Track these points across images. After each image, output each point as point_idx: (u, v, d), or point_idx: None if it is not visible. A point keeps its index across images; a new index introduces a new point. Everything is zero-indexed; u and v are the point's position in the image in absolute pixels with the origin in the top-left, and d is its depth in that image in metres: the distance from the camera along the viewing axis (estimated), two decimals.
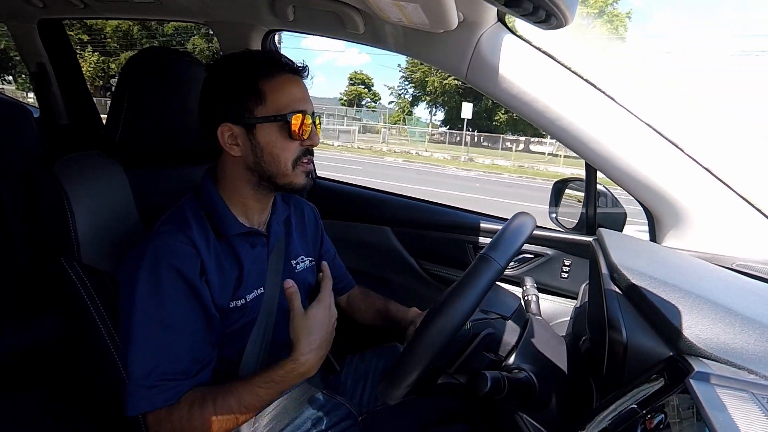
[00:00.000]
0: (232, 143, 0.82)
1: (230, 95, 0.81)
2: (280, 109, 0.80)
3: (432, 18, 0.89)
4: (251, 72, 0.80)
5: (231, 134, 0.81)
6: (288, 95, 0.81)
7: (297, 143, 0.83)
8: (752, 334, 0.54)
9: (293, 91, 0.82)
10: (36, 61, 2.00)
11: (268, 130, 0.81)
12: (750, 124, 17.71)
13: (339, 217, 1.64)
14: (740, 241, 0.93)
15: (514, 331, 0.84)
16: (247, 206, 0.88)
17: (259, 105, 0.80)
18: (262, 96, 0.79)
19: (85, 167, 0.91)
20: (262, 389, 0.77)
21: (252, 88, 0.79)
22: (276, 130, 0.81)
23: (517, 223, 0.76)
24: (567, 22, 0.74)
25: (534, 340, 0.82)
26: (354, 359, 1.15)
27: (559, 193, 1.40)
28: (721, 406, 0.43)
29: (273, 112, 0.80)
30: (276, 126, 0.80)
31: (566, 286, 1.33)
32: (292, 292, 0.81)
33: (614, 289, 0.65)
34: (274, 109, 0.80)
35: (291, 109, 0.80)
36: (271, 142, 0.81)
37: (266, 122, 0.80)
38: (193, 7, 1.46)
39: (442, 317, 0.61)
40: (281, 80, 0.81)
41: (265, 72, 0.80)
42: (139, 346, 0.72)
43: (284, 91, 0.81)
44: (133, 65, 0.95)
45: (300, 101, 0.82)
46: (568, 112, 1.00)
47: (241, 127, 0.80)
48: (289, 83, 0.82)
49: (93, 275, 0.86)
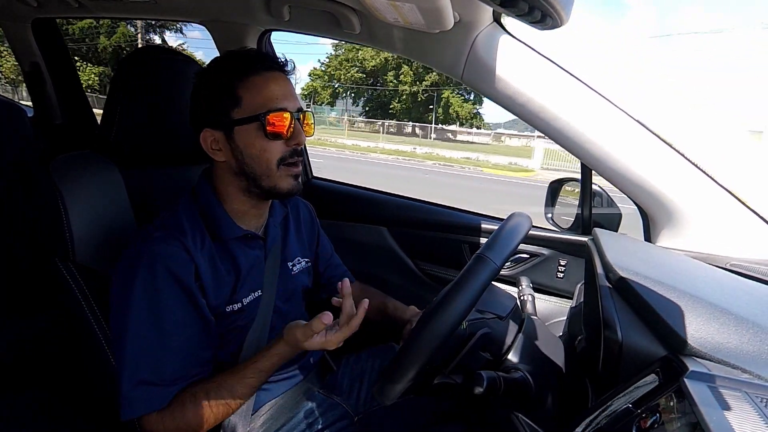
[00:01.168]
0: (215, 148, 0.81)
1: (208, 100, 0.80)
2: (256, 109, 0.78)
3: (428, 18, 0.89)
4: (227, 74, 0.79)
5: (213, 139, 0.80)
6: (264, 94, 0.78)
7: (279, 143, 0.80)
8: (746, 333, 0.54)
9: (271, 89, 0.79)
10: (30, 60, 1.99)
11: (246, 132, 0.79)
12: (741, 118, 17.73)
13: (335, 217, 1.64)
14: (735, 240, 0.94)
15: (511, 331, 0.84)
16: (243, 211, 0.87)
17: (236, 107, 0.78)
18: (237, 98, 0.78)
19: (80, 167, 0.90)
20: (252, 379, 0.78)
21: (228, 90, 0.78)
22: (253, 132, 0.78)
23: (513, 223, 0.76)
24: (563, 23, 0.74)
25: (530, 340, 0.82)
26: (350, 359, 1.15)
27: (554, 192, 1.40)
28: (715, 405, 0.43)
29: (249, 113, 0.78)
30: (253, 127, 0.78)
31: (562, 285, 1.33)
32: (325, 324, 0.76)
33: (609, 289, 0.65)
34: (250, 110, 0.78)
35: (267, 108, 0.78)
36: (249, 144, 0.79)
37: (242, 124, 0.78)
38: (189, 7, 1.45)
39: (438, 317, 0.61)
40: (257, 79, 0.79)
41: (241, 72, 0.78)
42: (134, 350, 0.72)
43: (260, 91, 0.78)
44: (128, 65, 0.95)
45: (278, 99, 0.79)
46: (564, 113, 1.00)
47: (220, 131, 0.79)
48: (266, 81, 0.79)
49: (87, 275, 0.86)
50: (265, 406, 0.92)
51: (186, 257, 0.77)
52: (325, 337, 0.77)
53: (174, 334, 0.75)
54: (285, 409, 0.94)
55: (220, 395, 0.75)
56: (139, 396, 0.71)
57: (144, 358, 0.72)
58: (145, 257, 0.74)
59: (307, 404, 0.97)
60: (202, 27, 1.52)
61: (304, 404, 0.97)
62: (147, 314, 0.73)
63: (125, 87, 0.94)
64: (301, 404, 0.96)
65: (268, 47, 1.60)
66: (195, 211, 0.83)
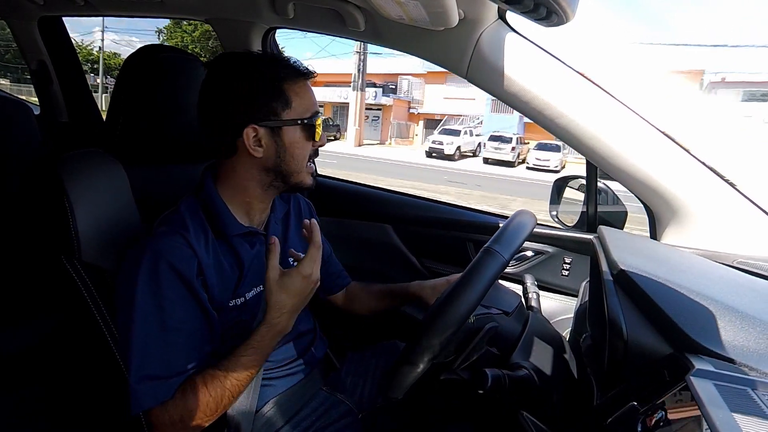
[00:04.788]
0: (256, 145, 0.82)
1: (254, 97, 0.81)
2: (303, 113, 0.84)
3: (433, 15, 0.89)
4: (276, 75, 0.82)
5: (255, 136, 0.82)
6: (308, 99, 0.85)
7: (310, 144, 0.87)
8: (752, 331, 0.54)
9: (311, 96, 0.87)
10: (36, 58, 2.00)
11: (293, 132, 0.84)
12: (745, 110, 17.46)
13: (339, 214, 1.64)
14: (741, 238, 0.93)
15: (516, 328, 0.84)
16: (250, 206, 0.88)
17: (286, 108, 0.83)
18: (288, 100, 0.83)
19: (86, 165, 0.91)
20: (244, 357, 0.78)
21: (277, 91, 0.82)
22: (300, 132, 0.84)
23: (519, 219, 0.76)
24: (568, 19, 0.74)
25: (535, 337, 0.82)
26: (354, 357, 1.15)
27: (559, 190, 1.40)
28: (721, 403, 0.43)
29: (298, 116, 0.84)
30: (299, 128, 0.84)
31: (567, 283, 1.33)
32: (273, 249, 0.79)
33: (615, 287, 0.65)
34: (298, 112, 0.84)
35: (311, 112, 0.85)
36: (294, 143, 0.84)
37: (293, 125, 0.83)
38: (194, 4, 1.46)
39: (447, 310, 0.62)
40: (303, 85, 0.85)
41: (288, 76, 0.83)
42: (139, 345, 0.73)
43: (305, 96, 0.85)
44: (132, 63, 0.95)
45: (315, 104, 0.87)
46: (569, 110, 0.99)
47: (266, 129, 0.82)
48: (308, 88, 0.86)
49: (94, 273, 0.86)
50: (269, 403, 0.93)
51: (189, 252, 0.77)
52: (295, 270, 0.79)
53: (178, 328, 0.75)
54: (289, 406, 0.94)
55: (216, 377, 0.76)
56: (146, 390, 0.72)
57: (150, 354, 0.73)
58: (148, 254, 0.75)
59: (310, 402, 0.97)
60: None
61: (308, 402, 0.97)
62: (151, 310, 0.74)
63: (130, 85, 0.95)
64: (304, 402, 0.97)
65: (273, 45, 1.60)
66: (198, 208, 0.84)
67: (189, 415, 0.74)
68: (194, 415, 0.74)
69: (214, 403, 0.75)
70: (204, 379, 0.76)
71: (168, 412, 0.73)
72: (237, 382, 0.77)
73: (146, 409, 0.73)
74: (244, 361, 0.78)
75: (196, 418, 0.74)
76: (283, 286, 0.78)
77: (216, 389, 0.75)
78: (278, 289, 0.78)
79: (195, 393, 0.74)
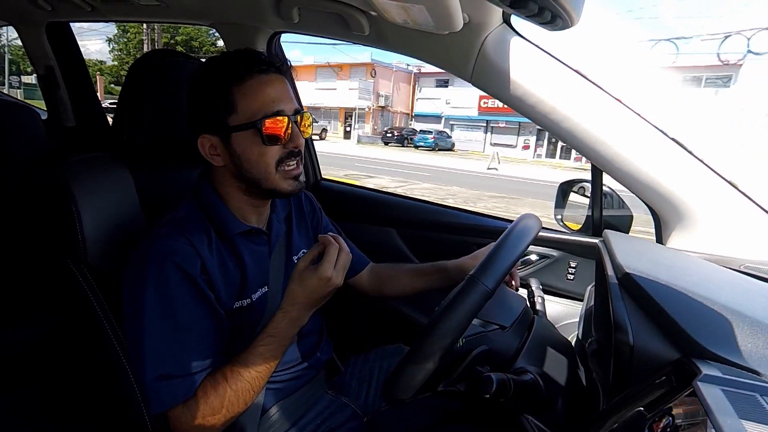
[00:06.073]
0: (213, 153, 0.81)
1: (203, 105, 0.79)
2: (252, 115, 0.77)
3: (437, 20, 0.89)
4: (221, 79, 0.78)
5: (211, 145, 0.80)
6: (260, 99, 0.77)
7: (276, 147, 0.80)
8: (760, 336, 0.53)
9: (266, 93, 0.78)
10: (44, 63, 2.02)
11: (243, 138, 0.78)
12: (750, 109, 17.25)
13: (343, 218, 1.64)
14: (748, 242, 0.92)
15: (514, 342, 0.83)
16: (244, 209, 0.87)
17: (232, 113, 0.77)
18: (233, 103, 0.77)
19: (92, 169, 0.91)
20: (262, 346, 0.78)
21: (223, 96, 0.77)
22: (250, 137, 0.78)
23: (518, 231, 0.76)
24: (573, 23, 0.74)
25: (540, 342, 0.82)
26: (358, 360, 1.15)
27: (564, 194, 1.39)
28: (729, 409, 0.42)
29: (245, 120, 0.77)
30: (250, 133, 0.77)
31: (572, 287, 1.32)
32: (325, 241, 0.78)
33: (620, 291, 0.65)
34: (246, 116, 0.77)
35: (263, 113, 0.77)
36: (247, 150, 0.78)
37: (239, 131, 0.77)
38: (199, 9, 1.47)
39: (426, 341, 0.63)
40: (252, 83, 0.77)
41: (236, 77, 0.77)
42: (152, 347, 0.72)
43: (255, 95, 0.77)
44: (139, 68, 0.96)
45: (274, 102, 0.78)
46: (574, 114, 0.99)
47: (217, 137, 0.79)
48: (261, 85, 0.78)
49: (99, 276, 0.87)
50: (274, 407, 0.92)
51: (191, 251, 0.77)
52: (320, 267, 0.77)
53: (190, 327, 0.75)
54: (294, 410, 0.94)
55: (235, 371, 0.75)
56: (164, 389, 0.72)
57: (164, 353, 0.73)
58: (153, 255, 0.75)
59: (316, 405, 0.97)
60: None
61: (313, 405, 0.97)
62: (161, 311, 0.73)
63: (136, 90, 0.95)
64: (310, 405, 0.96)
65: (278, 49, 1.60)
66: (198, 210, 0.84)
67: (211, 412, 0.73)
68: (215, 412, 0.74)
69: (235, 397, 0.74)
70: (224, 374, 0.75)
71: (191, 411, 0.73)
72: (257, 374, 0.76)
73: (166, 408, 0.72)
74: (262, 351, 0.77)
75: (219, 415, 0.74)
76: (302, 279, 0.78)
77: (237, 383, 0.75)
78: (298, 280, 0.78)
79: (216, 389, 0.74)
